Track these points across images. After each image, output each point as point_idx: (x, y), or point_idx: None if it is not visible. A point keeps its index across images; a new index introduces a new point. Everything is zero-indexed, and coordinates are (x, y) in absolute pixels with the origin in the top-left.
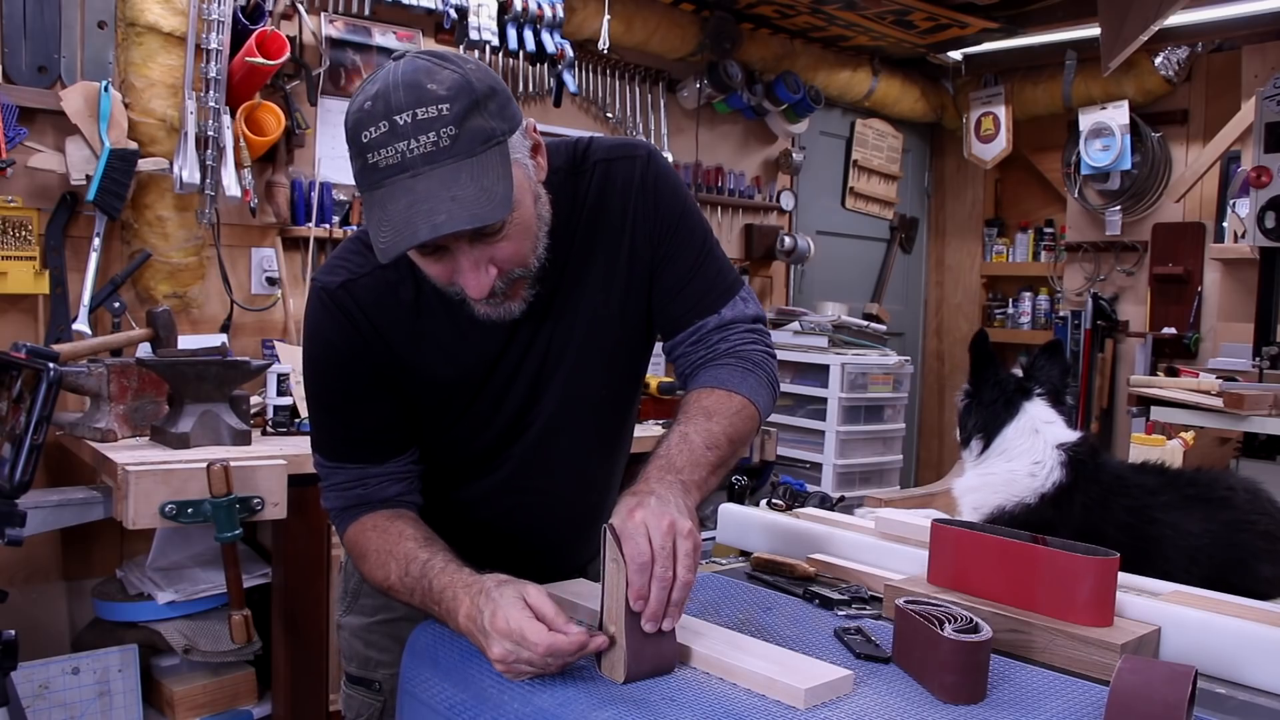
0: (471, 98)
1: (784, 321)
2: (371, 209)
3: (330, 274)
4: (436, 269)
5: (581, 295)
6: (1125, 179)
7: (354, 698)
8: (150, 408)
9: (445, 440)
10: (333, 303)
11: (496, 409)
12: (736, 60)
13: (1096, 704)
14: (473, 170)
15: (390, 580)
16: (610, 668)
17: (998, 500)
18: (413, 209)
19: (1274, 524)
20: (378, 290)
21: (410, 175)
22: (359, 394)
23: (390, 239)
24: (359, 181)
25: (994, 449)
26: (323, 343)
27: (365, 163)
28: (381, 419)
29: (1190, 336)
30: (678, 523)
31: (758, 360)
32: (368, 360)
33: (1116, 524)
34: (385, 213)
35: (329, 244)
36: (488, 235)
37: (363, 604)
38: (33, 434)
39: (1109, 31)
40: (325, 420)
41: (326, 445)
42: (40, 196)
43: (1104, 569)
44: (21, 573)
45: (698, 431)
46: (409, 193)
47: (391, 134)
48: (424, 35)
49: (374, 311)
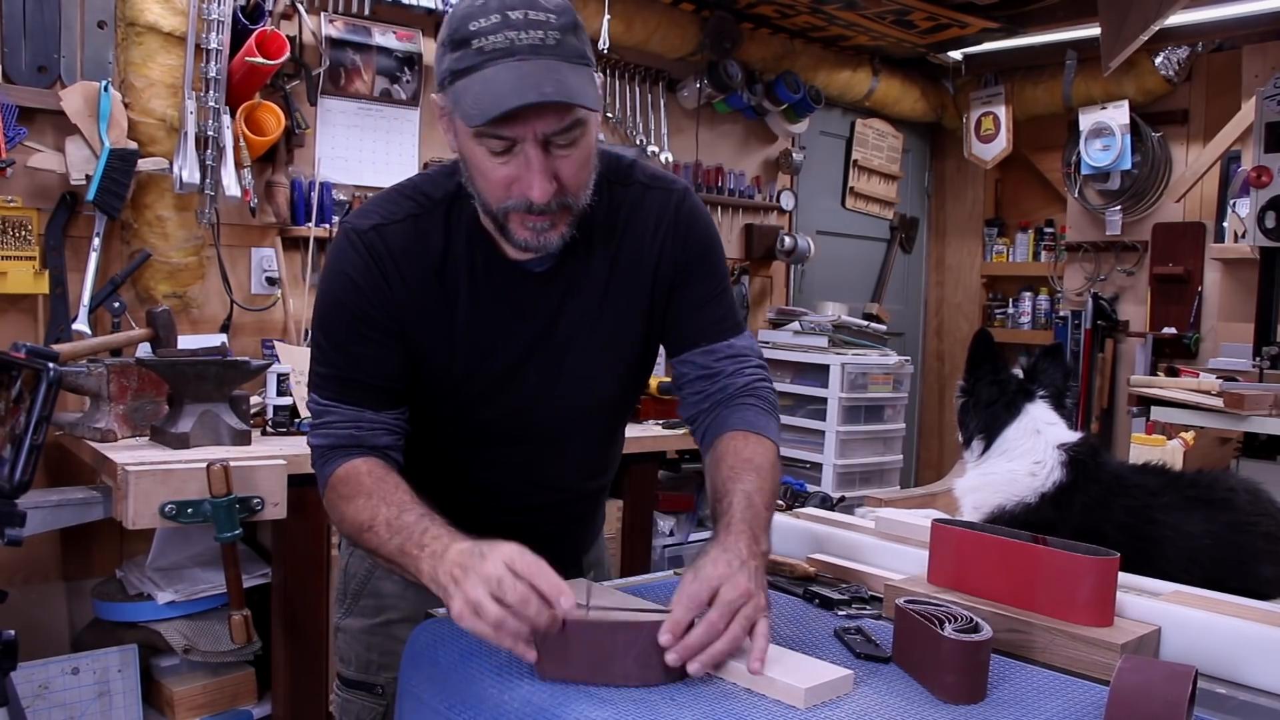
0: (574, 20)
1: (784, 321)
2: (470, 86)
3: (362, 217)
4: (502, 171)
5: (599, 296)
6: (1125, 179)
7: (353, 702)
8: (150, 408)
9: (444, 413)
10: (362, 243)
11: (502, 388)
12: (736, 60)
13: (1096, 704)
14: (573, 70)
15: (375, 522)
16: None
17: (998, 500)
18: (520, 81)
19: (1275, 525)
20: (407, 238)
21: (517, 59)
22: (370, 337)
23: (491, 102)
24: (449, 71)
25: (995, 449)
26: (345, 281)
27: (468, 49)
28: (386, 367)
29: (1190, 336)
30: (755, 596)
31: (773, 401)
32: (385, 306)
33: (1116, 524)
34: (489, 86)
35: (329, 244)
36: (561, 143)
37: (364, 606)
38: (32, 434)
39: (1109, 31)
40: (330, 358)
41: (326, 384)
42: (40, 196)
43: (1104, 569)
44: (21, 573)
45: (758, 491)
46: (515, 70)
47: (504, 24)
48: (424, 35)
49: (401, 259)
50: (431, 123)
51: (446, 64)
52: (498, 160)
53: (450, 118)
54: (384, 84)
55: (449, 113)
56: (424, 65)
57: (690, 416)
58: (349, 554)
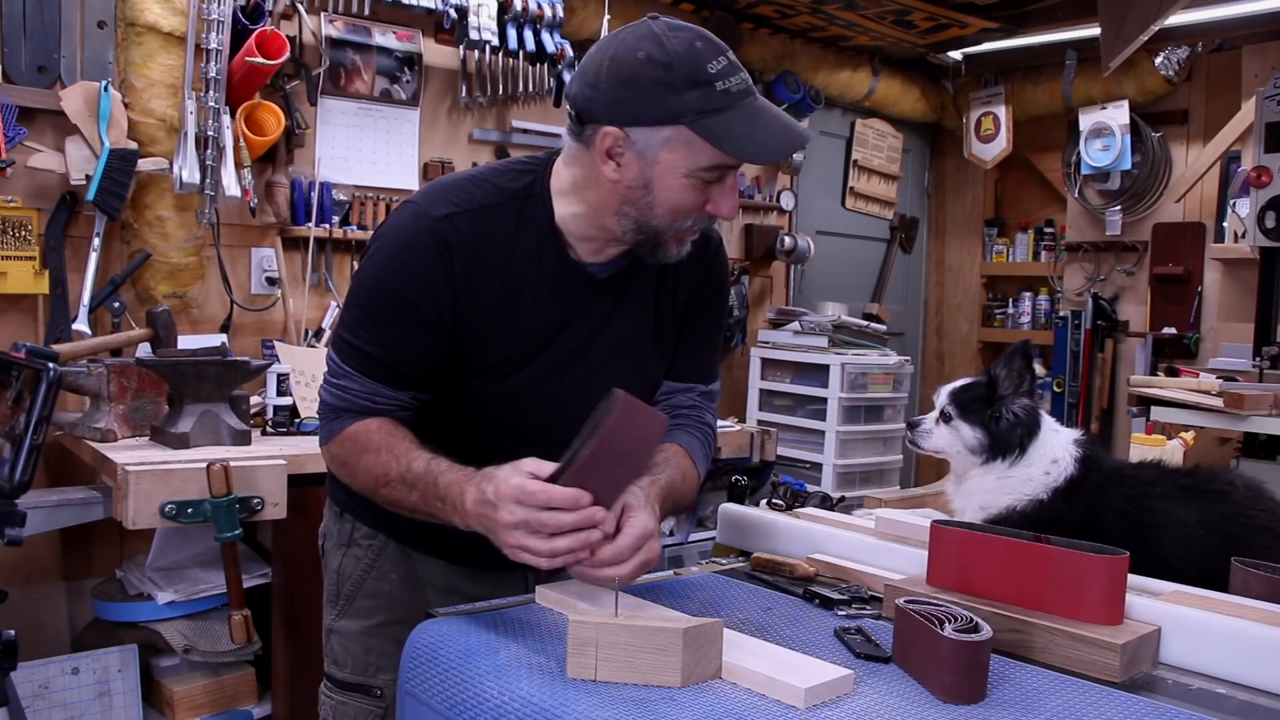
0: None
1: (784, 321)
2: (735, 123)
3: (435, 203)
4: (698, 195)
5: (645, 309)
6: (1125, 179)
7: (349, 704)
8: (150, 408)
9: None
10: (432, 231)
11: (546, 385)
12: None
13: (1097, 704)
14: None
15: (390, 475)
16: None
17: (1007, 501)
18: (780, 122)
19: (1274, 520)
20: (478, 229)
21: (755, 100)
22: (411, 326)
23: (779, 142)
24: (700, 105)
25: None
26: (404, 263)
27: (712, 89)
28: (418, 355)
29: (1190, 336)
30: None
31: (713, 442)
32: (438, 301)
33: (1116, 512)
34: (758, 125)
35: (329, 244)
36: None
37: (359, 607)
38: (32, 434)
39: (1109, 31)
40: (364, 333)
41: (352, 355)
42: (40, 196)
43: (1114, 568)
44: (21, 573)
45: (671, 484)
46: (766, 111)
47: (733, 66)
48: (424, 35)
49: (469, 248)
50: (431, 122)
51: (686, 102)
52: (698, 186)
53: (648, 150)
54: (384, 84)
55: (657, 147)
56: (424, 65)
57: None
58: (340, 555)
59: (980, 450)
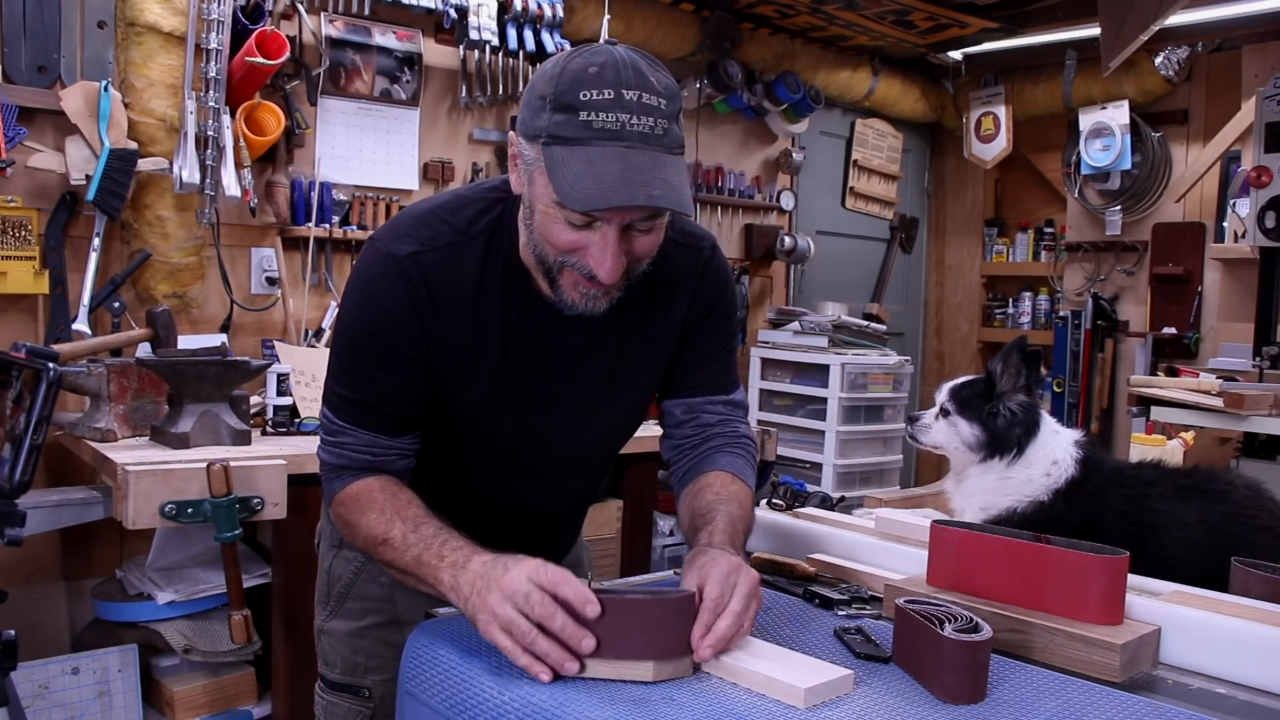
0: (680, 105)
1: (784, 321)
2: (571, 160)
3: (398, 241)
4: (571, 238)
5: (624, 346)
6: (1125, 179)
7: (338, 705)
8: (150, 408)
9: (454, 439)
10: (397, 271)
11: (518, 423)
12: (736, 60)
13: (1097, 704)
14: (674, 165)
15: (390, 535)
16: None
17: (1007, 502)
18: (629, 175)
19: (1273, 520)
20: (443, 267)
21: (625, 145)
22: (393, 366)
23: (598, 192)
24: (555, 129)
25: (1030, 453)
26: (375, 308)
27: (575, 117)
28: (405, 396)
29: (1190, 336)
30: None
31: (755, 455)
32: (413, 338)
33: (1116, 512)
34: (594, 169)
35: (329, 244)
36: (643, 228)
37: (349, 608)
38: (32, 434)
39: (1109, 31)
40: (350, 381)
41: (343, 406)
42: (40, 196)
43: (1114, 568)
44: (21, 573)
45: (740, 519)
46: (624, 159)
47: (617, 104)
48: (424, 35)
49: (436, 288)
50: (431, 122)
51: (546, 122)
52: (574, 230)
53: (528, 166)
54: (384, 84)
55: (531, 165)
56: (424, 65)
57: (674, 453)
58: (332, 556)
59: (977, 446)
